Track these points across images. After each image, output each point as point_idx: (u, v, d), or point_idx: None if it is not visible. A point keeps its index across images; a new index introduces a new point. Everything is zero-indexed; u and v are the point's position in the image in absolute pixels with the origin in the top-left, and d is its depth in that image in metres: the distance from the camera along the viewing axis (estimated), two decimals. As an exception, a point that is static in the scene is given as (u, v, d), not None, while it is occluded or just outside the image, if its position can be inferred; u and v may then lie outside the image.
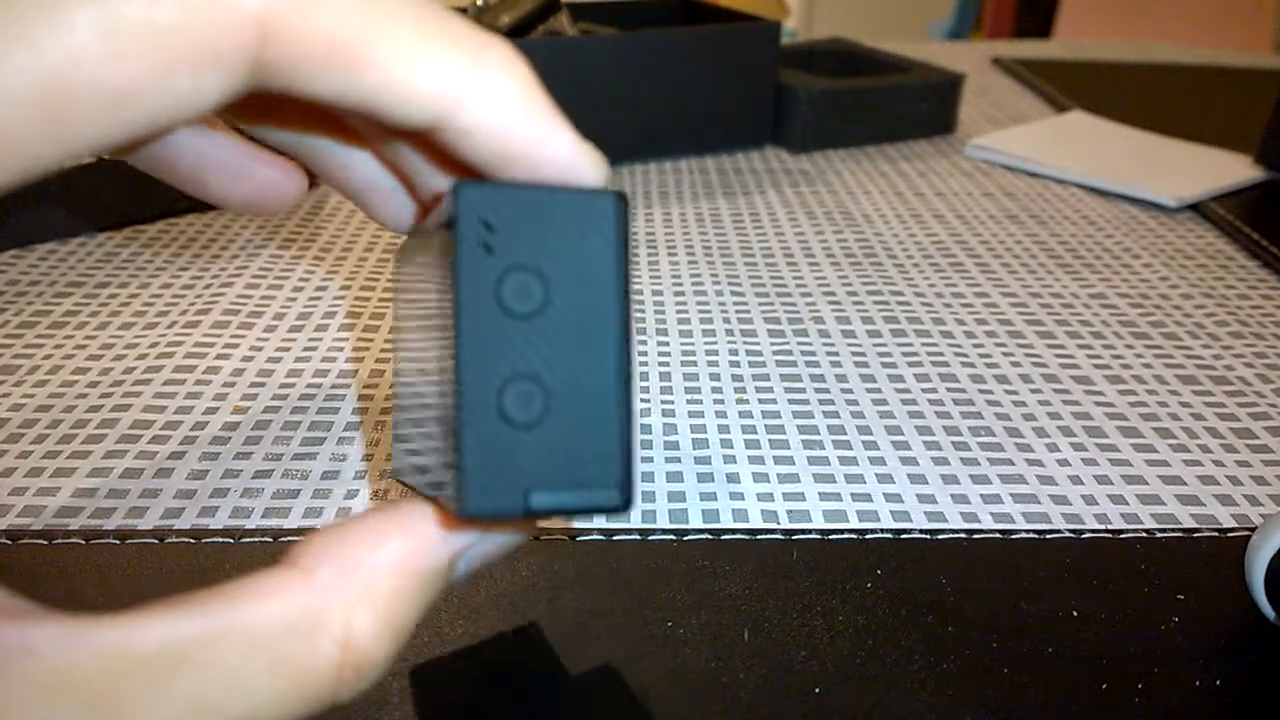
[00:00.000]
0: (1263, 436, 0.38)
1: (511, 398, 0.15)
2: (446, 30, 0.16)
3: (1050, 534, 0.32)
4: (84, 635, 0.13)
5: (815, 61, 0.80)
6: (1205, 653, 0.27)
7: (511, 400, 0.15)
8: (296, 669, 0.15)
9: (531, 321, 0.15)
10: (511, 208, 0.16)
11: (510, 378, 0.15)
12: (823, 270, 0.52)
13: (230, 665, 0.14)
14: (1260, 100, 0.73)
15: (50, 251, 0.51)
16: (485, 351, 0.15)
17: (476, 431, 0.15)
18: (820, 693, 0.26)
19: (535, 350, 0.16)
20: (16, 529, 0.31)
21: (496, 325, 0.15)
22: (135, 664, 0.14)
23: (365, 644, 0.15)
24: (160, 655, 0.14)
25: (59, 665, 0.13)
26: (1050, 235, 0.57)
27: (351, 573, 0.16)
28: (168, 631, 0.14)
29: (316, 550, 0.16)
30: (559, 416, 0.16)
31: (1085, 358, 0.44)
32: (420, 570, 0.16)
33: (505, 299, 0.15)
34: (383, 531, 0.16)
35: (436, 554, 0.16)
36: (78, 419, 0.37)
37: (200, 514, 0.32)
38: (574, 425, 0.16)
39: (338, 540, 0.16)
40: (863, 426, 0.38)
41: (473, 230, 0.15)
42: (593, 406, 0.16)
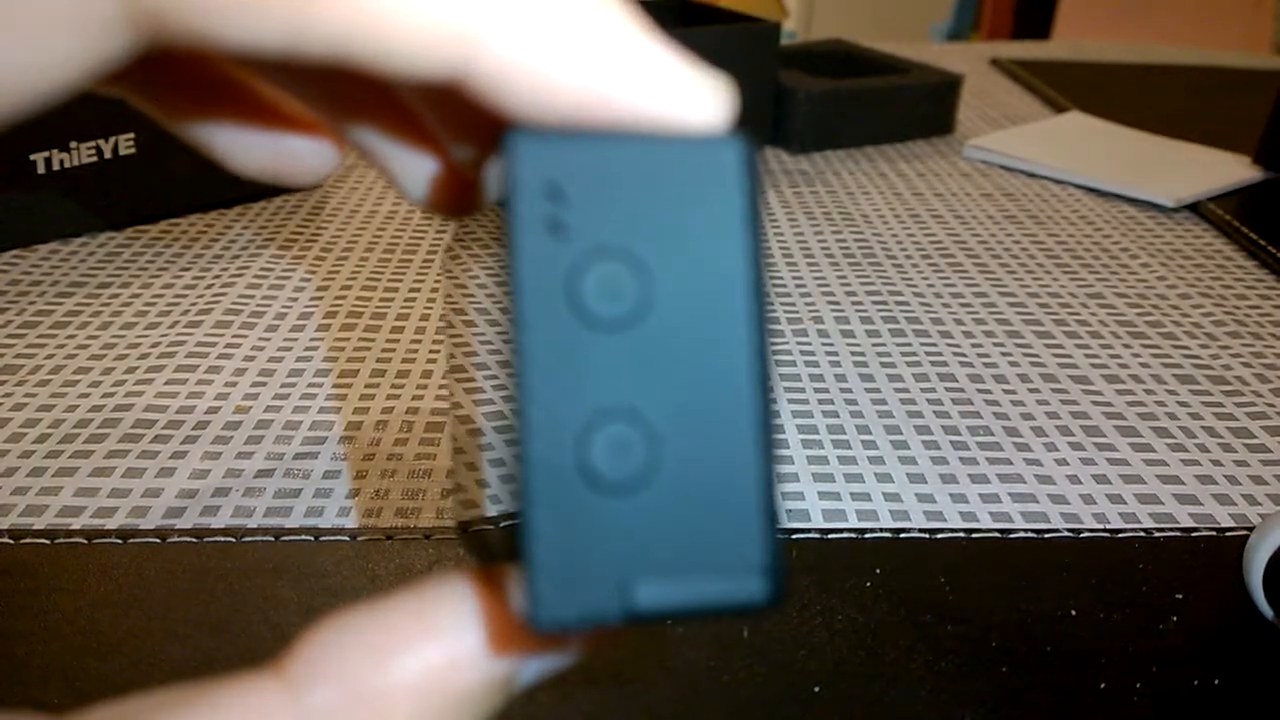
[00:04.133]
0: (1260, 436, 0.38)
1: (600, 448, 0.11)
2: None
3: (1049, 533, 0.32)
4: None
5: (814, 62, 0.80)
6: (1203, 651, 0.27)
7: (600, 451, 0.11)
8: None
9: (624, 334, 0.11)
10: (591, 167, 0.11)
11: (595, 418, 0.11)
12: (822, 270, 0.52)
13: None
14: (1258, 101, 0.73)
15: (52, 251, 0.51)
16: (557, 380, 0.11)
17: (547, 501, 0.11)
18: (819, 691, 0.26)
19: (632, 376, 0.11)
20: (19, 528, 0.31)
21: (572, 339, 0.11)
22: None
23: None
24: None
25: None
26: (1048, 235, 0.58)
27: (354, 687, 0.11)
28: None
29: (312, 656, 0.11)
30: (670, 473, 0.11)
31: (1083, 357, 0.44)
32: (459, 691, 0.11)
33: (586, 300, 0.11)
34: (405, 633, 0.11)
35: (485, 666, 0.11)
36: (80, 419, 0.37)
37: (202, 513, 0.32)
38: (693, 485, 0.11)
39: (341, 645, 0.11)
40: (861, 426, 0.38)
41: (535, 202, 0.11)
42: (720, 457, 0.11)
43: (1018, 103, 0.87)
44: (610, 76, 0.11)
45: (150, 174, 0.53)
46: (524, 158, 0.11)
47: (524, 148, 0.11)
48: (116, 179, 0.53)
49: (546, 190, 0.11)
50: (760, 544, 0.11)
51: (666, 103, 0.11)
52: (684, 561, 0.11)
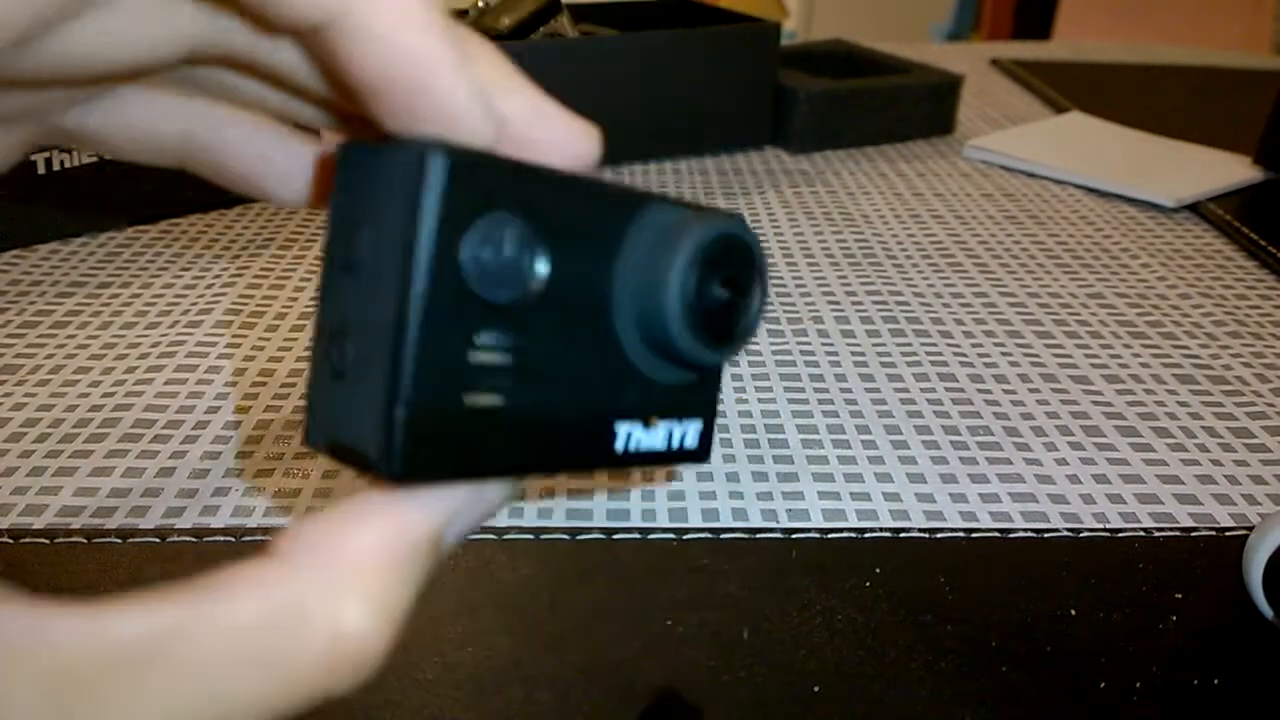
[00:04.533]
0: (1260, 436, 0.38)
1: (335, 348, 0.16)
2: None
3: (1048, 533, 0.32)
4: (52, 623, 0.13)
5: (815, 62, 0.80)
6: (1203, 651, 0.27)
7: (334, 350, 0.16)
8: (281, 663, 0.14)
9: (351, 274, 0.16)
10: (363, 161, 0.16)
11: (334, 330, 0.16)
12: (822, 270, 0.52)
13: (206, 663, 0.13)
14: (1258, 101, 0.73)
15: (53, 251, 0.51)
16: (327, 302, 0.16)
17: (315, 373, 0.16)
18: (819, 691, 0.26)
19: (349, 303, 0.16)
20: (19, 528, 0.31)
21: (335, 277, 0.16)
22: (106, 656, 0.13)
23: (358, 632, 0.14)
24: (133, 649, 0.13)
25: (23, 649, 0.12)
26: (1048, 235, 0.58)
27: (334, 558, 0.15)
28: (142, 624, 0.13)
29: (295, 538, 0.15)
30: (358, 371, 0.15)
31: (1083, 357, 0.44)
32: (407, 547, 0.15)
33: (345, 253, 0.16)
34: (362, 514, 0.15)
35: (422, 528, 0.16)
36: (80, 418, 0.37)
37: (202, 513, 0.32)
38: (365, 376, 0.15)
39: (316, 526, 0.15)
40: (861, 426, 0.38)
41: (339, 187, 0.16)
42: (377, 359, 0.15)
43: (1018, 103, 0.87)
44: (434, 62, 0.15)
45: (150, 174, 0.53)
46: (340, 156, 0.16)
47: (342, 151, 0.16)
48: (116, 179, 0.53)
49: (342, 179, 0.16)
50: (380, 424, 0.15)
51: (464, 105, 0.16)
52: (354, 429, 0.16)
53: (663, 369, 0.19)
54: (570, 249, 0.17)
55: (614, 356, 0.18)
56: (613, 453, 0.18)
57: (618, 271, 0.18)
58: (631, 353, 0.18)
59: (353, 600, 0.15)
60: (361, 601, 0.15)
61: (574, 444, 0.18)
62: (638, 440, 0.19)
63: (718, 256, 0.18)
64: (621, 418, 0.19)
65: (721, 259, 0.18)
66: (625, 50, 0.65)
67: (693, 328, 0.18)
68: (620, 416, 0.18)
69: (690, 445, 0.20)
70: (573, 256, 0.17)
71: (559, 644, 0.27)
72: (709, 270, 0.18)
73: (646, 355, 0.19)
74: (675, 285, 0.18)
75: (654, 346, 0.18)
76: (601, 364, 0.18)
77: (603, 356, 0.18)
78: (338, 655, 0.14)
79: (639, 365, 0.19)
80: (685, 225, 0.18)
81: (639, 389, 0.19)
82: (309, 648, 0.14)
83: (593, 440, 0.18)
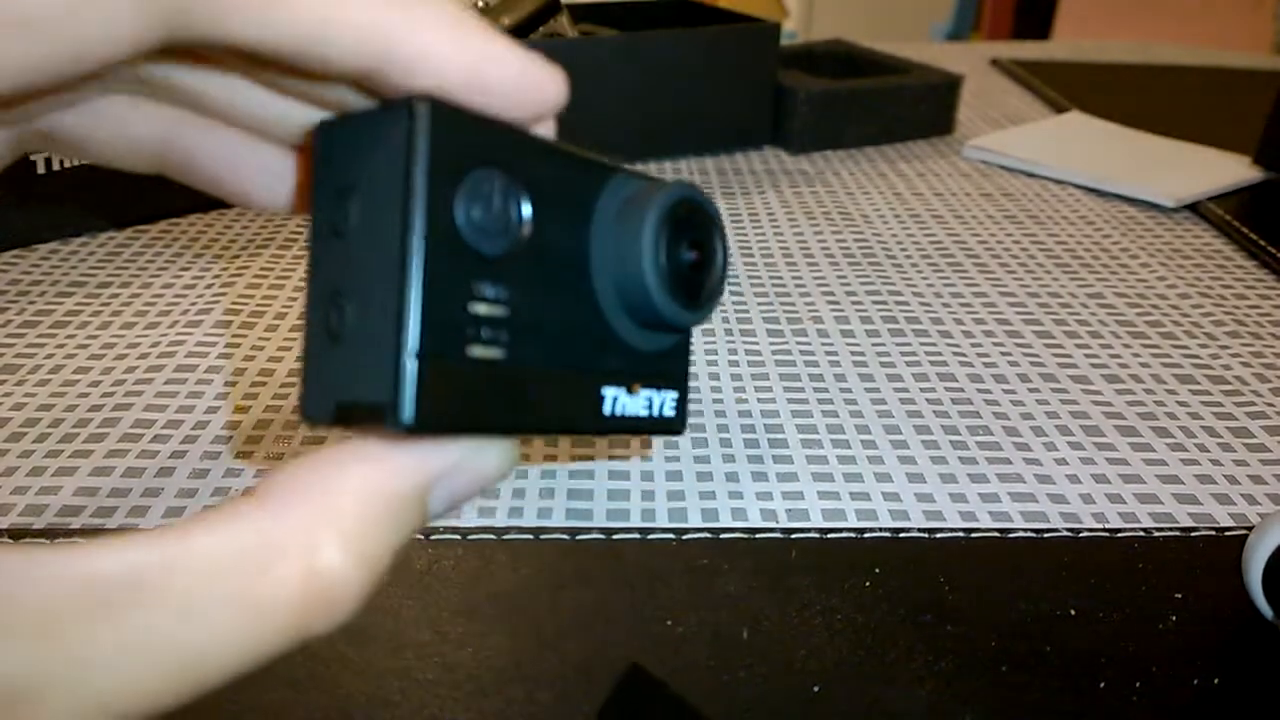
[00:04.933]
0: (1260, 435, 0.38)
1: (332, 313, 0.16)
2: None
3: (1048, 533, 0.32)
4: (35, 560, 0.13)
5: (814, 62, 0.80)
6: (1203, 651, 0.28)
7: (332, 315, 0.16)
8: (256, 599, 0.14)
9: (344, 239, 0.16)
10: (344, 133, 0.16)
11: (331, 294, 0.16)
12: (821, 270, 0.52)
13: (185, 596, 0.13)
14: (1258, 101, 0.73)
15: (52, 251, 0.51)
16: (319, 271, 0.16)
17: (311, 344, 0.16)
18: (819, 691, 0.26)
19: (345, 268, 0.16)
20: (18, 528, 0.31)
21: (326, 246, 0.16)
22: (84, 590, 0.13)
23: (332, 572, 0.14)
24: (112, 584, 0.13)
25: (10, 587, 0.13)
26: (1048, 235, 0.58)
27: (315, 498, 0.15)
28: (120, 560, 0.13)
29: (276, 480, 0.15)
30: (360, 331, 0.16)
31: (1083, 357, 0.44)
32: (388, 495, 0.15)
33: (334, 220, 0.16)
34: (346, 458, 0.15)
35: (408, 479, 0.16)
36: (80, 418, 0.37)
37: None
38: (370, 333, 0.15)
39: (298, 469, 0.15)
40: (861, 426, 0.38)
41: (321, 161, 0.16)
42: (383, 313, 0.15)
43: (1018, 103, 0.87)
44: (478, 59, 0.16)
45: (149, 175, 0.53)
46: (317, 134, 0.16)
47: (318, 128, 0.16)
48: (116, 179, 0.53)
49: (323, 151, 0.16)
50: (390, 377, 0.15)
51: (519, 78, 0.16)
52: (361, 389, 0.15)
53: (640, 335, 0.20)
54: (550, 207, 0.17)
55: (597, 320, 0.19)
56: (601, 416, 0.19)
57: (593, 236, 0.18)
58: (611, 316, 0.19)
59: (329, 540, 0.15)
60: (338, 542, 0.15)
61: (566, 404, 0.18)
62: (623, 405, 0.19)
63: (682, 219, 0.19)
64: (608, 381, 0.19)
65: (685, 221, 0.19)
66: (625, 50, 0.65)
67: (669, 290, 0.18)
68: (606, 380, 0.19)
69: (668, 414, 0.21)
70: (553, 215, 0.17)
71: (559, 644, 0.27)
72: (676, 233, 0.19)
73: (624, 321, 0.19)
74: (649, 248, 0.18)
75: (631, 311, 0.19)
76: (586, 326, 0.18)
77: (587, 318, 0.18)
78: (312, 594, 0.14)
79: (619, 331, 0.19)
80: (648, 193, 0.19)
81: (621, 354, 0.19)
82: (284, 585, 0.14)
83: (582, 402, 0.19)
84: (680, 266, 0.19)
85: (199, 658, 0.14)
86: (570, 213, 0.18)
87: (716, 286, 0.20)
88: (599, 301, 0.19)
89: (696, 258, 0.19)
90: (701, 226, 0.20)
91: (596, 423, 0.19)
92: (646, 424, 0.20)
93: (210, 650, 0.14)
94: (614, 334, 0.19)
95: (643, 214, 0.18)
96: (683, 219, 0.19)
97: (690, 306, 0.19)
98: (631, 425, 0.20)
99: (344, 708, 0.25)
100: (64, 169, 0.51)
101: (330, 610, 0.15)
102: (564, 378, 0.18)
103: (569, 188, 0.18)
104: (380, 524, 0.15)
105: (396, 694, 0.25)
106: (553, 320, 0.18)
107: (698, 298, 0.19)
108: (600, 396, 0.19)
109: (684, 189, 0.19)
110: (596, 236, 0.18)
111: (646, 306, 0.19)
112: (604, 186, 0.19)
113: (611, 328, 0.19)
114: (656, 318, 0.19)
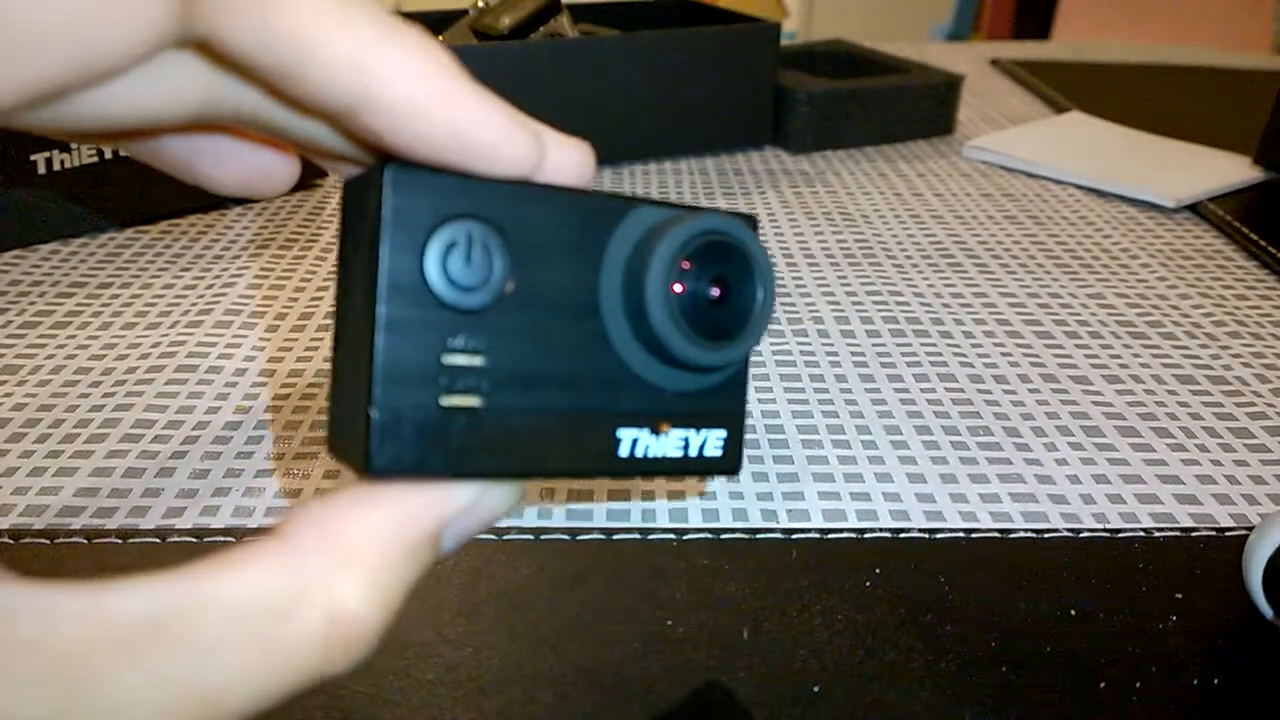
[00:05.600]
0: (1260, 436, 0.38)
1: (338, 360, 0.17)
2: (363, 6, 0.16)
3: (1048, 533, 0.32)
4: (57, 601, 0.13)
5: (814, 63, 0.80)
6: (1203, 652, 0.27)
7: (338, 362, 0.17)
8: (278, 641, 0.14)
9: (347, 294, 0.17)
10: (354, 191, 0.17)
11: (338, 344, 0.17)
12: (822, 271, 0.52)
13: (208, 638, 0.14)
14: (1258, 101, 0.73)
15: (53, 251, 0.51)
16: (337, 320, 0.17)
17: (329, 392, 0.18)
18: (819, 691, 0.26)
19: (345, 318, 0.17)
20: (19, 528, 0.31)
21: (340, 298, 0.17)
22: (108, 634, 0.13)
23: (352, 614, 0.15)
24: (134, 626, 0.13)
25: (34, 631, 0.13)
26: (1048, 236, 0.58)
27: (334, 541, 0.15)
28: (143, 603, 0.13)
29: (298, 521, 0.15)
30: (348, 380, 0.17)
31: (1083, 358, 0.44)
32: (406, 538, 0.16)
33: (344, 277, 0.17)
34: (365, 502, 0.16)
35: (422, 522, 0.16)
36: (80, 418, 0.37)
37: (202, 513, 0.32)
38: (351, 383, 0.16)
39: (320, 512, 0.16)
40: (861, 426, 0.38)
41: (342, 217, 0.18)
42: (358, 366, 0.16)
43: (1018, 103, 0.87)
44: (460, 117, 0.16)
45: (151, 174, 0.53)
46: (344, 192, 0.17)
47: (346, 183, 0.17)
48: (117, 179, 0.53)
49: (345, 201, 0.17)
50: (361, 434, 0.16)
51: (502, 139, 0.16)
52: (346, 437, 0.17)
53: (670, 375, 0.19)
54: (547, 255, 0.17)
55: (608, 360, 0.18)
56: (615, 458, 0.18)
57: (604, 276, 0.18)
58: (628, 356, 0.18)
59: (349, 583, 0.15)
60: (358, 585, 0.15)
61: (570, 448, 0.18)
62: (645, 447, 0.19)
63: (702, 252, 0.18)
64: (625, 423, 0.19)
65: (708, 255, 0.18)
66: (625, 50, 0.65)
67: (678, 323, 0.18)
68: (623, 421, 0.18)
69: (713, 454, 0.20)
70: (550, 262, 0.17)
71: (559, 644, 0.27)
72: (695, 265, 0.18)
73: (647, 360, 0.19)
74: (657, 282, 0.18)
75: (650, 348, 0.18)
76: (594, 368, 0.18)
77: (595, 360, 0.18)
78: (332, 636, 0.15)
79: (638, 370, 0.19)
80: (669, 223, 0.18)
81: (643, 394, 0.19)
82: (306, 628, 0.14)
83: (591, 445, 0.18)
84: (698, 302, 0.18)
85: (219, 699, 0.14)
86: (573, 255, 0.18)
87: (748, 325, 0.19)
88: (611, 341, 0.18)
89: (719, 293, 0.19)
90: (728, 261, 0.19)
91: (610, 465, 0.19)
92: (684, 465, 0.20)
93: (231, 691, 0.14)
94: (630, 374, 0.19)
95: (654, 247, 0.18)
96: (703, 252, 0.18)
97: (706, 344, 0.18)
98: (663, 467, 0.19)
99: (344, 708, 0.25)
100: (64, 169, 0.51)
101: (348, 651, 0.15)
102: (567, 421, 0.18)
103: (572, 231, 0.18)
104: (397, 566, 0.16)
105: (396, 694, 0.25)
106: (549, 364, 0.17)
107: (720, 335, 0.19)
108: (616, 439, 0.18)
109: (709, 220, 0.18)
110: (608, 275, 0.18)
111: (653, 339, 0.18)
112: (620, 223, 0.18)
113: (628, 367, 0.18)
114: (669, 353, 0.18)
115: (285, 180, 0.21)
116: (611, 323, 0.18)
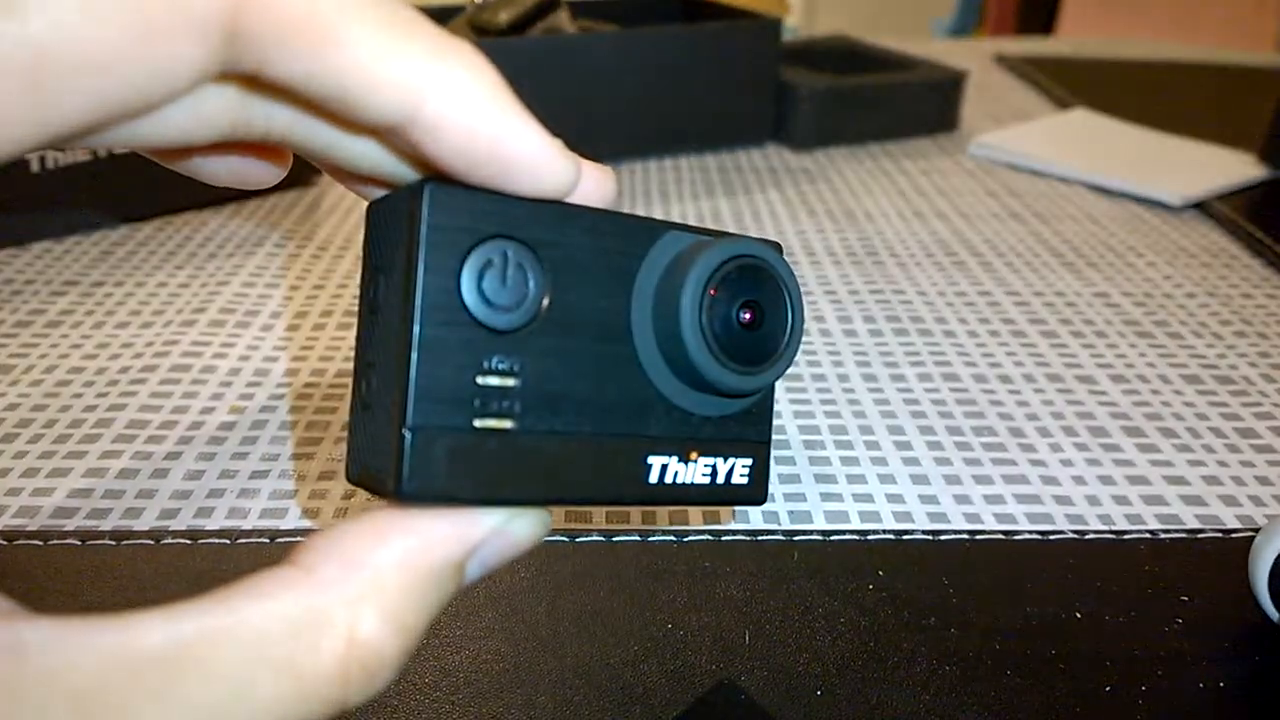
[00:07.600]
0: (1267, 436, 0.38)
1: (364, 383, 0.17)
2: (415, 27, 0.16)
3: (1053, 535, 0.32)
4: (78, 636, 0.13)
5: (817, 59, 0.80)
6: (1209, 654, 0.27)
7: (364, 385, 0.17)
8: (300, 670, 0.14)
9: (376, 315, 0.17)
10: (382, 212, 0.17)
11: (365, 366, 0.17)
12: (824, 268, 0.52)
13: (231, 668, 0.14)
14: (1264, 98, 0.72)
15: (46, 250, 0.51)
16: (360, 343, 0.17)
17: (351, 410, 0.18)
18: (822, 695, 0.25)
19: (374, 341, 0.17)
20: (12, 529, 0.31)
21: (365, 320, 0.17)
22: (131, 667, 0.13)
23: (373, 643, 0.15)
24: (158, 658, 0.13)
25: (50, 665, 0.13)
26: (1053, 233, 0.57)
27: (356, 570, 0.15)
28: (166, 634, 0.13)
29: (319, 548, 0.15)
30: (378, 402, 0.16)
31: (1088, 357, 0.43)
32: (428, 567, 0.16)
33: (372, 296, 0.17)
34: (387, 529, 0.16)
35: (447, 550, 0.16)
36: (73, 419, 0.37)
37: (197, 514, 0.32)
38: (382, 405, 0.16)
39: (341, 538, 0.15)
40: (864, 426, 0.38)
41: (367, 240, 0.17)
42: (390, 387, 0.16)
43: (1022, 100, 0.87)
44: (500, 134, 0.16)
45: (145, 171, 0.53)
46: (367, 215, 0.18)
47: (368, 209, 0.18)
48: (111, 176, 0.53)
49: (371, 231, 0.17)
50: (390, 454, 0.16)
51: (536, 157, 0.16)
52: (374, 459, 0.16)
53: (699, 400, 0.19)
54: (580, 277, 0.17)
55: (638, 385, 0.18)
56: (645, 485, 0.18)
57: (635, 299, 0.18)
58: (660, 382, 0.18)
59: (371, 612, 0.15)
60: (380, 614, 0.15)
61: (599, 474, 0.18)
62: (674, 474, 0.19)
63: (733, 277, 0.18)
64: (654, 449, 0.18)
65: (739, 281, 0.18)
66: (625, 47, 0.64)
67: (709, 347, 0.18)
68: (652, 448, 0.18)
69: (738, 482, 0.20)
70: (583, 284, 0.17)
71: (558, 647, 0.27)
72: (726, 291, 0.18)
73: (677, 385, 0.18)
74: (689, 307, 0.18)
75: (680, 373, 0.18)
76: (624, 392, 0.18)
77: (625, 384, 0.18)
78: (353, 665, 0.15)
79: (669, 395, 0.18)
80: (697, 250, 0.18)
81: (672, 420, 0.18)
82: (328, 657, 0.14)
83: (620, 471, 0.18)
84: (730, 327, 0.18)
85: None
86: (606, 278, 0.18)
87: (779, 350, 0.19)
88: (642, 366, 0.18)
89: (750, 318, 0.18)
90: (759, 285, 0.19)
91: (639, 491, 0.18)
92: (710, 493, 0.19)
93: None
94: (661, 399, 0.18)
95: (686, 272, 0.18)
96: (734, 277, 0.18)
97: (737, 368, 0.18)
98: (690, 495, 0.19)
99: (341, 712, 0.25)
100: (57, 166, 0.50)
101: (369, 681, 0.15)
102: (597, 446, 0.18)
103: (605, 253, 0.18)
104: (419, 595, 0.16)
105: (394, 698, 0.25)
106: (580, 389, 0.17)
107: (751, 361, 0.18)
108: (645, 465, 0.18)
109: (741, 245, 0.18)
110: (639, 298, 0.18)
111: (685, 363, 0.18)
112: (651, 246, 0.18)
113: (658, 392, 0.18)
114: (699, 378, 0.18)
115: (276, 172, 0.20)
116: (642, 345, 0.18)
